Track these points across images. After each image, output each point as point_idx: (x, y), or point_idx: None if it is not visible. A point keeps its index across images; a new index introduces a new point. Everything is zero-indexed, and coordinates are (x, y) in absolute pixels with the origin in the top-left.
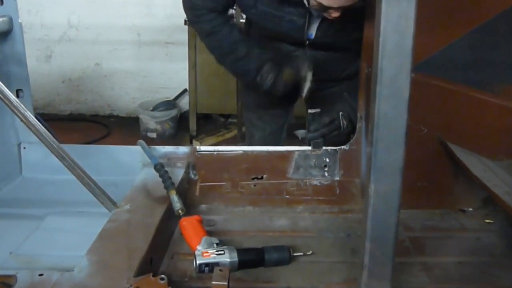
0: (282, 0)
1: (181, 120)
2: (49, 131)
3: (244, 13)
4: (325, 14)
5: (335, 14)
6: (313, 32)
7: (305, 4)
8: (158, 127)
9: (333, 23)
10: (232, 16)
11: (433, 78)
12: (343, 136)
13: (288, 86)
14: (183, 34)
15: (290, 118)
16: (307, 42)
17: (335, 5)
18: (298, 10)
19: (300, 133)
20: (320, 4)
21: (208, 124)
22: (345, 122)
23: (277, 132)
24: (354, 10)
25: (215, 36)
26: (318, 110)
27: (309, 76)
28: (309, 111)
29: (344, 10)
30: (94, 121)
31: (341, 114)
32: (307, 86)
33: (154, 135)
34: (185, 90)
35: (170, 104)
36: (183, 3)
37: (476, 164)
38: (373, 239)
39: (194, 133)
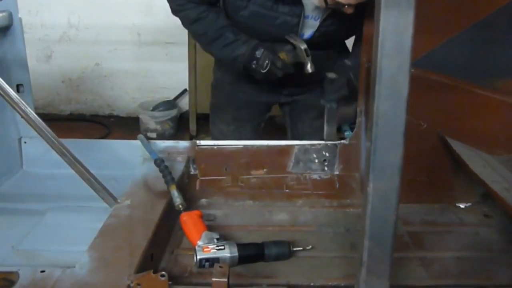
0: None
1: (181, 120)
2: None
3: (231, 15)
4: (339, 10)
5: (350, 11)
6: (305, 32)
7: (300, 3)
8: (158, 127)
9: (334, 21)
10: (217, 1)
11: (432, 73)
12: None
13: (287, 67)
14: (183, 34)
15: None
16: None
17: (353, 2)
18: (293, 9)
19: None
20: (338, 2)
21: (208, 124)
22: (356, 83)
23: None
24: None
25: (201, 23)
26: (335, 76)
27: (307, 50)
28: (328, 75)
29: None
30: (94, 121)
31: (352, 74)
32: (309, 59)
33: (154, 135)
34: (185, 90)
35: (170, 104)
36: None
37: (475, 159)
38: (372, 237)
39: (194, 133)
